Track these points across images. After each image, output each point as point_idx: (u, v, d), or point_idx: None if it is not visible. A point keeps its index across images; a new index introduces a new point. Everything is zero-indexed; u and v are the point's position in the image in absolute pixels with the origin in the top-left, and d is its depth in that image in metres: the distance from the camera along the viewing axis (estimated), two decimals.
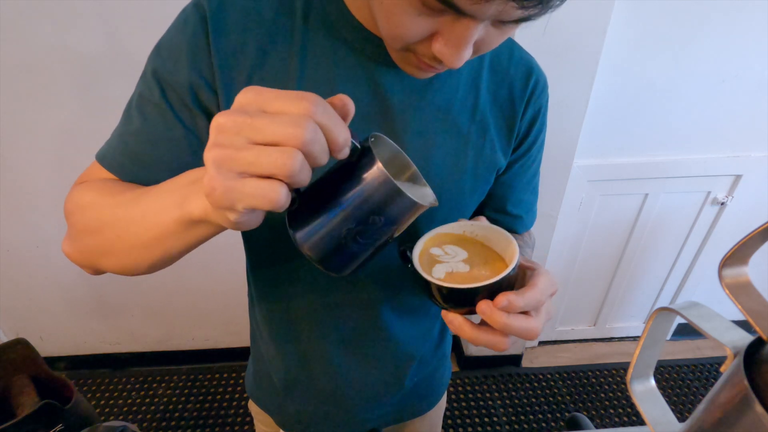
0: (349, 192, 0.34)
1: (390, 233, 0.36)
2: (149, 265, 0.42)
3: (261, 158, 0.28)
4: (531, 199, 0.65)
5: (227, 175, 0.28)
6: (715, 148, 1.41)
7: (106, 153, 0.47)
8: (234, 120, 0.28)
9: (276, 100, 0.29)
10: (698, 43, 1.21)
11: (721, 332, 0.30)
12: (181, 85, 0.44)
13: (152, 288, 1.62)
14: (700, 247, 1.64)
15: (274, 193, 0.28)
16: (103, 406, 1.66)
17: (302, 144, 0.28)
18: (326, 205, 0.34)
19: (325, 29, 0.45)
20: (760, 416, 0.25)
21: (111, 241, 0.41)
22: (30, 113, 1.24)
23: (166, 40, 0.45)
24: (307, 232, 0.35)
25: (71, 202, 0.46)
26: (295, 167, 0.28)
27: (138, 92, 0.46)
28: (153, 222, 0.37)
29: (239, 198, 0.28)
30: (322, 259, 0.36)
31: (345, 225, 0.34)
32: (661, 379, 1.75)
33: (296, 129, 0.28)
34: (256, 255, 0.58)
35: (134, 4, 1.10)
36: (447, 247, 0.47)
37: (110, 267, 0.44)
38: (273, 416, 0.72)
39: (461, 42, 0.34)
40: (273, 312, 0.62)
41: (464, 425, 1.60)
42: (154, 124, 0.45)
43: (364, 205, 0.33)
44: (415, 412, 0.75)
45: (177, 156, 0.46)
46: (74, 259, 0.45)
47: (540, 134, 0.58)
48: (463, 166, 0.52)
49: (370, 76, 0.46)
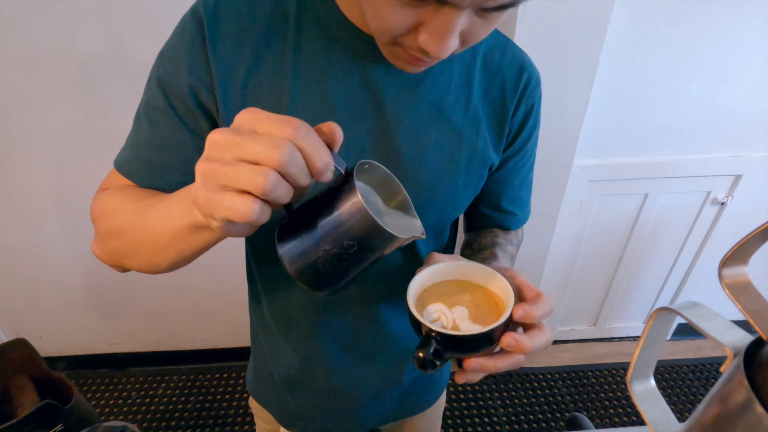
0: (328, 215, 0.35)
1: (367, 260, 0.38)
2: (168, 265, 0.45)
3: (239, 174, 0.30)
4: (525, 196, 0.65)
5: (211, 186, 0.31)
6: (715, 148, 1.40)
7: (123, 161, 0.50)
8: (225, 137, 0.31)
9: (265, 122, 0.31)
10: (698, 43, 1.21)
11: (721, 332, 0.30)
12: (182, 90, 0.45)
13: (152, 288, 1.62)
14: (700, 247, 1.64)
15: (245, 208, 0.30)
16: (103, 406, 1.65)
17: (278, 164, 0.30)
18: (307, 225, 0.36)
19: (318, 29, 0.46)
20: (760, 416, 0.25)
21: (132, 244, 0.45)
22: (30, 113, 1.24)
23: (167, 47, 0.47)
24: (288, 246, 0.37)
25: (97, 208, 0.50)
26: (267, 186, 0.30)
27: (145, 100, 0.49)
28: (165, 227, 0.40)
29: (217, 209, 0.31)
30: (298, 275, 0.38)
31: (321, 245, 0.36)
32: (661, 379, 1.75)
33: (274, 150, 0.30)
34: (258, 253, 0.59)
35: (134, 4, 1.10)
36: (435, 305, 0.45)
37: (134, 266, 0.47)
38: (273, 413, 0.72)
39: (445, 31, 0.35)
40: (273, 309, 0.62)
41: (464, 425, 1.60)
42: (161, 130, 0.47)
43: (339, 230, 0.35)
44: (415, 409, 0.75)
45: (185, 158, 0.48)
46: (103, 259, 0.49)
47: (533, 131, 0.58)
48: (457, 161, 0.53)
49: (362, 74, 0.47)
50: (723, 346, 0.29)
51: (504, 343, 0.40)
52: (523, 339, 0.40)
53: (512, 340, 0.40)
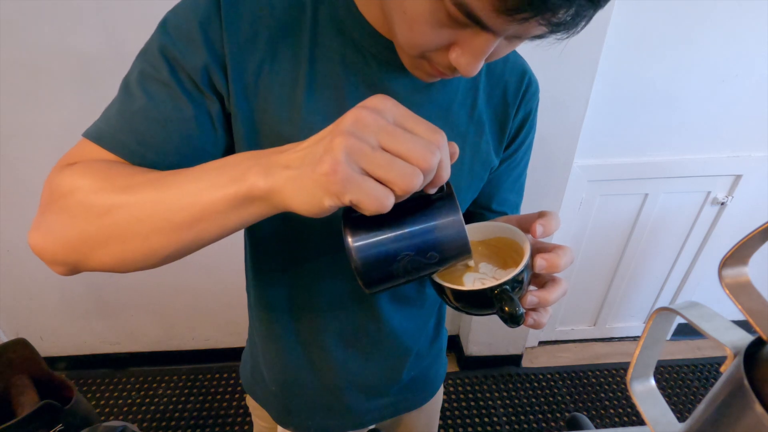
0: (423, 223, 0.36)
1: (432, 271, 0.39)
2: (166, 255, 0.38)
3: (392, 166, 0.30)
4: (515, 200, 0.67)
5: (353, 166, 0.29)
6: (715, 148, 1.40)
7: (104, 132, 0.43)
8: (377, 121, 0.30)
9: (412, 120, 0.32)
10: (698, 43, 1.21)
11: (721, 332, 0.30)
12: (193, 67, 0.42)
13: (152, 288, 1.62)
14: (700, 247, 1.64)
15: (386, 200, 0.30)
16: (103, 406, 1.65)
17: (427, 170, 0.30)
18: (395, 225, 0.36)
19: (334, 27, 0.45)
20: (760, 416, 0.25)
21: (124, 225, 0.37)
22: (30, 113, 1.24)
23: (175, 18, 0.43)
24: (366, 241, 0.36)
25: (63, 185, 0.39)
26: (414, 186, 0.30)
27: (138, 69, 0.43)
28: (195, 200, 0.35)
29: (353, 191, 0.30)
30: (366, 271, 0.37)
31: (404, 250, 0.36)
32: (661, 379, 1.75)
33: (429, 154, 0.30)
34: (259, 247, 0.58)
35: (134, 4, 1.10)
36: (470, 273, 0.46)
37: (108, 258, 0.38)
38: (270, 410, 0.72)
39: (479, 53, 0.36)
40: (273, 306, 0.62)
41: (464, 425, 1.60)
42: (161, 102, 0.42)
43: (429, 239, 0.36)
44: (411, 405, 0.76)
45: (187, 137, 0.43)
46: (52, 253, 0.39)
47: (528, 136, 0.60)
48: (461, 164, 0.53)
49: (376, 75, 0.47)
50: (723, 346, 0.29)
51: (537, 266, 0.41)
52: (551, 257, 0.41)
53: (542, 261, 0.41)
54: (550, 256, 0.41)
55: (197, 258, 1.15)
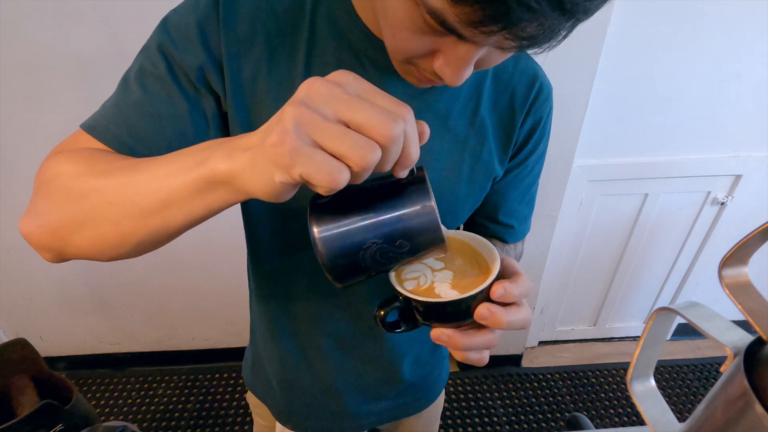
0: (391, 209, 0.33)
1: (403, 261, 0.36)
2: (137, 242, 0.37)
3: (346, 138, 0.27)
4: (525, 211, 0.63)
5: (302, 137, 0.27)
6: (715, 148, 1.40)
7: (98, 123, 0.43)
8: (331, 90, 0.28)
9: (375, 93, 0.29)
10: (698, 43, 1.21)
11: (721, 332, 0.30)
12: (189, 65, 0.43)
13: (152, 288, 1.62)
14: (700, 247, 1.64)
15: (339, 174, 0.27)
16: (103, 406, 1.65)
17: (386, 142, 0.28)
18: (361, 211, 0.33)
19: (332, 30, 0.45)
20: (760, 416, 0.25)
21: (97, 209, 0.37)
22: (30, 113, 1.24)
23: (176, 17, 0.44)
24: (330, 229, 0.33)
25: (50, 171, 0.41)
26: (371, 160, 0.27)
27: (138, 65, 0.44)
28: (161, 184, 0.34)
29: (303, 163, 0.27)
30: (331, 261, 0.34)
31: (371, 237, 0.33)
32: (661, 379, 1.75)
33: (387, 125, 0.27)
34: (258, 248, 0.58)
35: (134, 4, 1.10)
36: (418, 265, 0.43)
37: (84, 243, 0.38)
38: (270, 408, 0.72)
39: (462, 63, 0.35)
40: (272, 306, 0.62)
41: (464, 425, 1.60)
42: (156, 97, 0.43)
43: (398, 227, 0.33)
44: (411, 409, 0.75)
45: (180, 133, 0.44)
46: (38, 237, 0.40)
47: (539, 145, 0.57)
48: (459, 171, 0.52)
49: (371, 79, 0.46)
50: (723, 346, 0.29)
51: (478, 314, 0.37)
52: (498, 311, 0.37)
53: (486, 311, 0.36)
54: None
55: (197, 258, 1.16)
